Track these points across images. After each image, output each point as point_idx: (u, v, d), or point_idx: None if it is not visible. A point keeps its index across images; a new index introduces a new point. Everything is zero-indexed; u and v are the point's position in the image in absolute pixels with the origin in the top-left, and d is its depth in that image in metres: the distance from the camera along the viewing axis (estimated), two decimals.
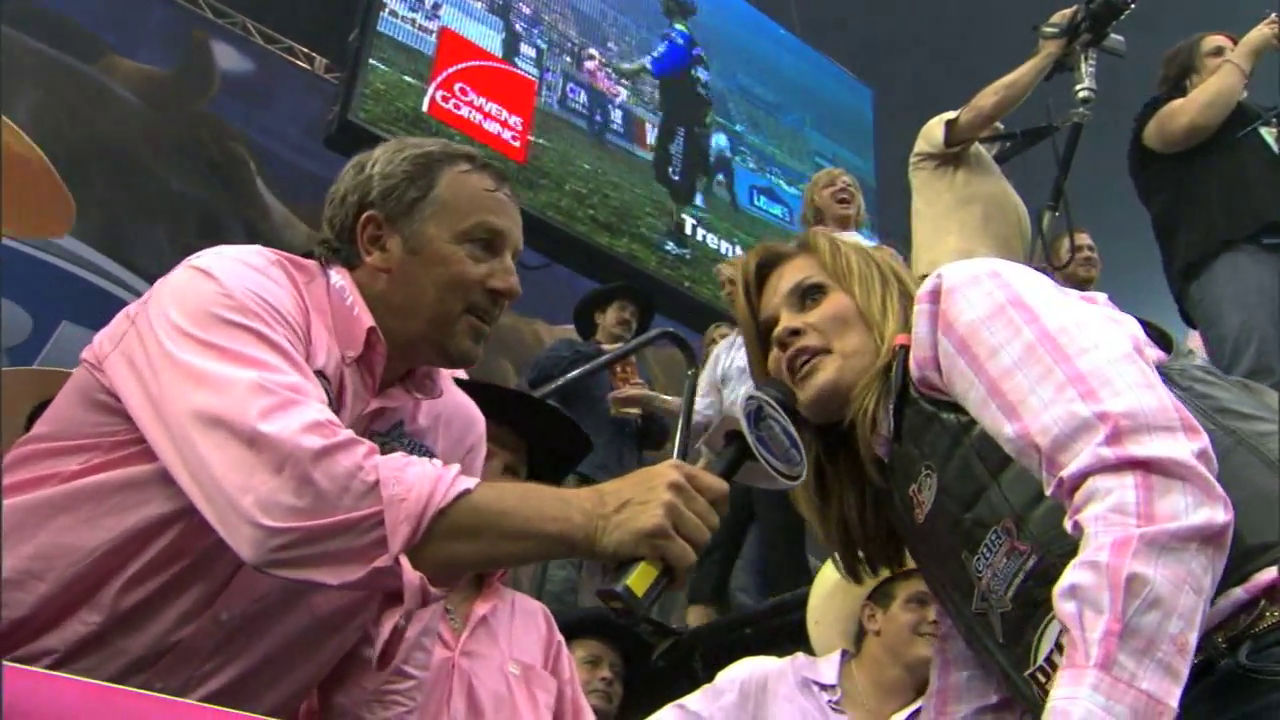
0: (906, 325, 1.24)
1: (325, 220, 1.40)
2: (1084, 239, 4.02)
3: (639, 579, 1.05)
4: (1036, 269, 3.78)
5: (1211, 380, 1.12)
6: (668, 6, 9.31)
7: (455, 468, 1.11)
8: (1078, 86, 3.51)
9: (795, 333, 1.29)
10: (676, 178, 8.63)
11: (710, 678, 2.37)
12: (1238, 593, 0.96)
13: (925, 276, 3.84)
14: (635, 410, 4.41)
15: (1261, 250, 3.07)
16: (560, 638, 1.98)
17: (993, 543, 1.08)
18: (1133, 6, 3.40)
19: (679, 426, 3.76)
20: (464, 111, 7.22)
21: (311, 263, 1.37)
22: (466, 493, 1.08)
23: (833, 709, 2.20)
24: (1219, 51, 3.38)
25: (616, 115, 8.43)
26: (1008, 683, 1.13)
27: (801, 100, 9.97)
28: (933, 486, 1.16)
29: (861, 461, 1.29)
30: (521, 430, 1.86)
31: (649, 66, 8.95)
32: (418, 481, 1.07)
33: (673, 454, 3.73)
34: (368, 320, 1.30)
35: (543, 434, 1.88)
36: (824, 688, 2.23)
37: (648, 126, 8.61)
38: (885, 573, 1.40)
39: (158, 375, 1.15)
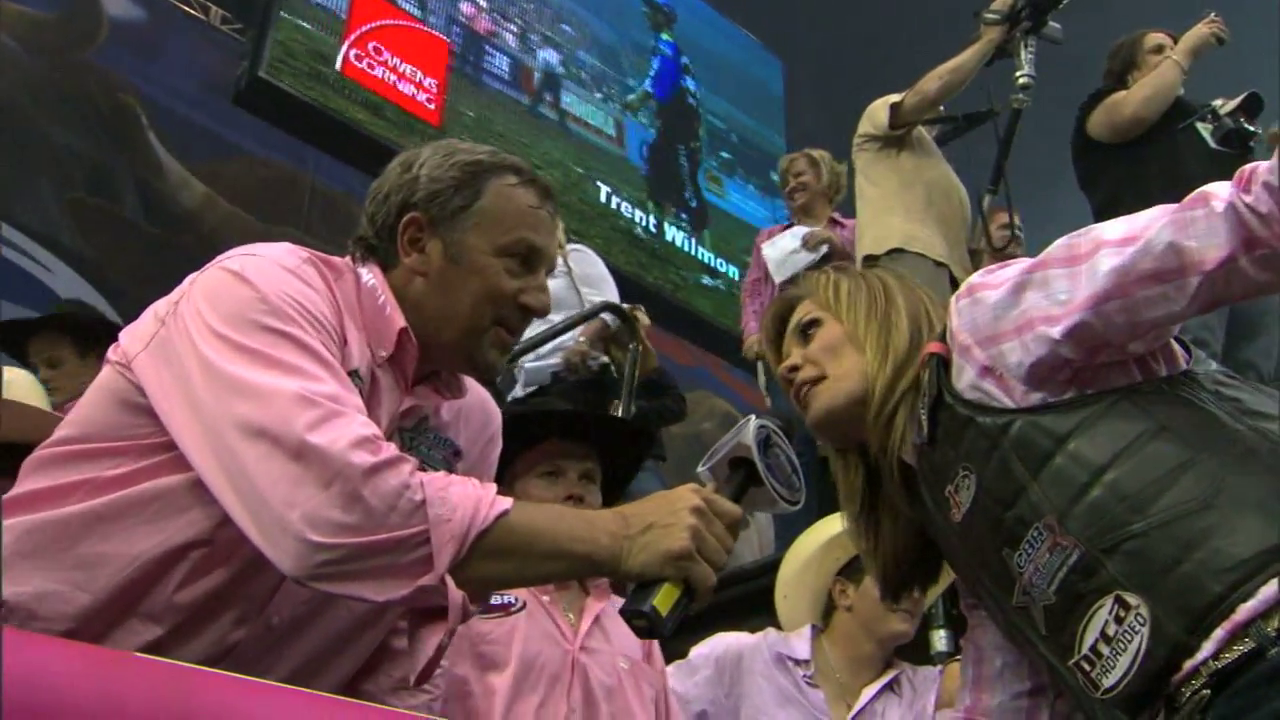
0: (889, 329, 1.34)
1: (366, 216, 1.40)
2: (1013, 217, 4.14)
3: (663, 599, 1.09)
4: (973, 250, 3.85)
5: (1233, 384, 1.18)
6: (655, 20, 9.32)
7: (492, 487, 1.14)
8: (1018, 73, 3.62)
9: (794, 369, 1.39)
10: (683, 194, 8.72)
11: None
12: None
13: (873, 256, 3.84)
14: None
15: None
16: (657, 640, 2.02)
17: (1034, 539, 1.12)
18: None
19: (623, 397, 3.75)
20: (378, 72, 7.02)
21: (340, 260, 1.37)
22: (505, 513, 1.11)
23: (807, 684, 2.24)
24: (1160, 49, 3.52)
25: (501, 62, 8.15)
26: (1050, 672, 1.18)
27: (710, 68, 9.99)
28: (971, 487, 1.20)
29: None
30: (593, 441, 1.99)
31: (650, 90, 9.02)
32: (461, 502, 1.10)
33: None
34: (400, 321, 1.31)
35: (613, 443, 2.02)
36: (798, 663, 2.26)
37: (534, 74, 8.36)
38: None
39: (194, 382, 1.14)
